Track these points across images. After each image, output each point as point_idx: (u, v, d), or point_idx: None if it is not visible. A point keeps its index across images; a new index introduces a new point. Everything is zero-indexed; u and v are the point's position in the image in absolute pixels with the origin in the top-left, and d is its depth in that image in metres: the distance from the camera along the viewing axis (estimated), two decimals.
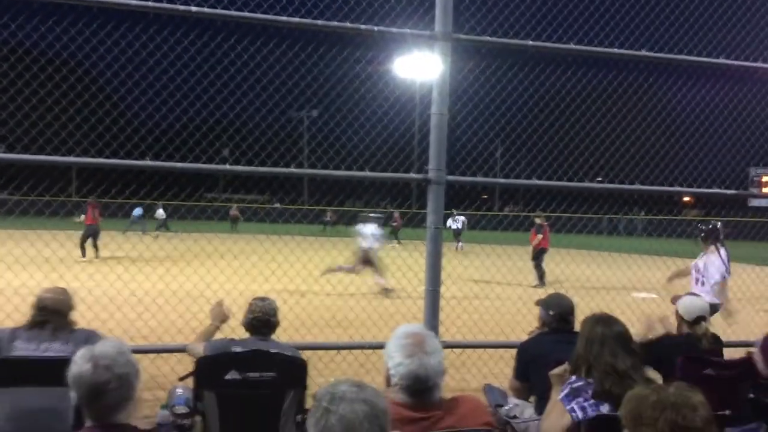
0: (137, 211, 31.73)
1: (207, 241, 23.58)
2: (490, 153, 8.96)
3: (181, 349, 4.51)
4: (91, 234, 18.06)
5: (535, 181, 5.83)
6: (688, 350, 3.85)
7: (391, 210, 31.87)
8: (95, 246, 18.24)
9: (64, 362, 2.29)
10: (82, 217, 18.37)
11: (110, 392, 2.16)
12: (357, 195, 45.30)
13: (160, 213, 32.50)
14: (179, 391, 3.54)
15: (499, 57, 6.26)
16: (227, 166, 5.29)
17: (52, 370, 3.13)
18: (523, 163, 9.55)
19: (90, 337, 3.51)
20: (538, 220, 15.63)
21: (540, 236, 15.36)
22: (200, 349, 3.78)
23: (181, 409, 3.47)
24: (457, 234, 27.99)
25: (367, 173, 4.97)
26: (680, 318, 4.23)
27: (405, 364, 2.28)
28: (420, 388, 2.29)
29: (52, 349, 3.45)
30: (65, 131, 7.16)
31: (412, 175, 4.95)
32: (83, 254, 17.68)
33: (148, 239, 24.12)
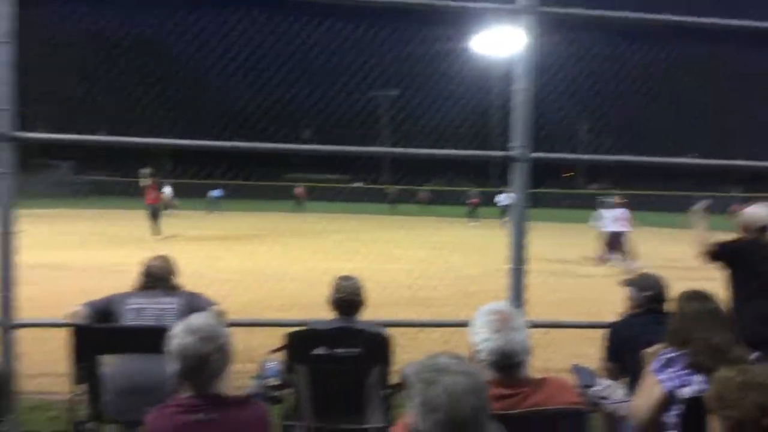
0: (216, 192, 32.59)
1: (282, 220, 24.13)
2: (574, 130, 8.74)
3: (270, 324, 4.64)
4: (153, 212, 18.84)
5: (622, 157, 5.66)
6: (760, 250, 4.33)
7: (474, 189, 31.66)
8: (156, 224, 18.95)
9: (166, 331, 2.42)
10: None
11: (212, 363, 2.29)
12: (435, 174, 45.11)
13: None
14: (270, 364, 3.66)
15: (584, 29, 6.07)
16: (309, 146, 5.38)
17: (157, 339, 3.32)
18: (610, 139, 9.27)
19: (194, 297, 3.75)
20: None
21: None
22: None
23: (273, 381, 3.60)
24: (504, 209, 28.69)
25: (451, 151, 4.95)
26: (745, 227, 4.51)
27: (492, 339, 2.29)
28: (507, 364, 2.29)
29: (162, 302, 3.72)
30: (154, 114, 7.44)
31: (496, 152, 4.89)
32: (158, 232, 18.52)
33: (229, 218, 24.83)
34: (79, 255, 11.52)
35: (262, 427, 2.37)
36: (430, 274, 11.81)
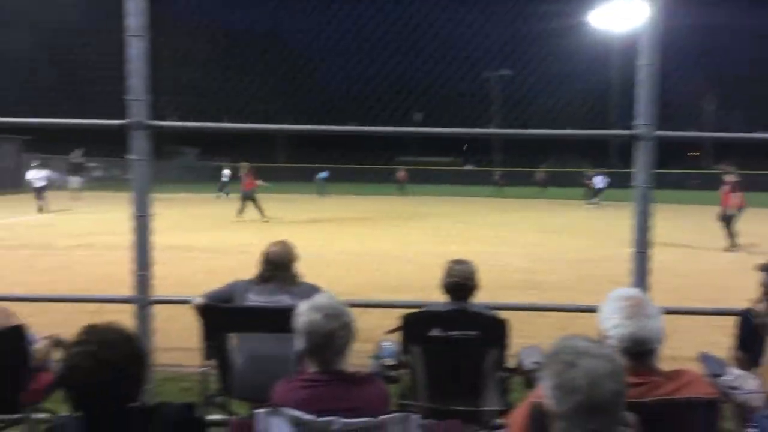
0: (323, 174, 33.29)
1: (390, 203, 24.31)
2: (700, 107, 8.25)
3: (385, 305, 4.71)
4: (249, 198, 19.52)
5: (753, 135, 5.27)
6: None
7: (592, 170, 30.66)
8: (242, 209, 19.57)
9: (291, 311, 2.52)
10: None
11: (337, 339, 2.37)
12: (551, 154, 43.98)
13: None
14: (387, 344, 3.72)
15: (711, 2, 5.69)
16: (421, 129, 5.37)
17: (281, 319, 3.46)
18: (740, 116, 8.68)
19: (313, 290, 3.83)
20: (729, 177, 13.76)
21: (733, 195, 13.56)
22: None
23: (389, 361, 3.65)
24: (598, 192, 28.22)
25: (571, 131, 4.79)
26: None
27: (625, 325, 2.22)
28: (639, 351, 2.22)
29: (281, 301, 3.81)
30: (273, 102, 7.69)
31: (618, 131, 4.69)
32: (239, 213, 19.16)
33: (337, 202, 25.31)
34: (206, 237, 12.15)
35: (383, 405, 2.42)
36: (546, 257, 11.55)
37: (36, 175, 22.52)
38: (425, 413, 2.45)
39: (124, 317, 3.26)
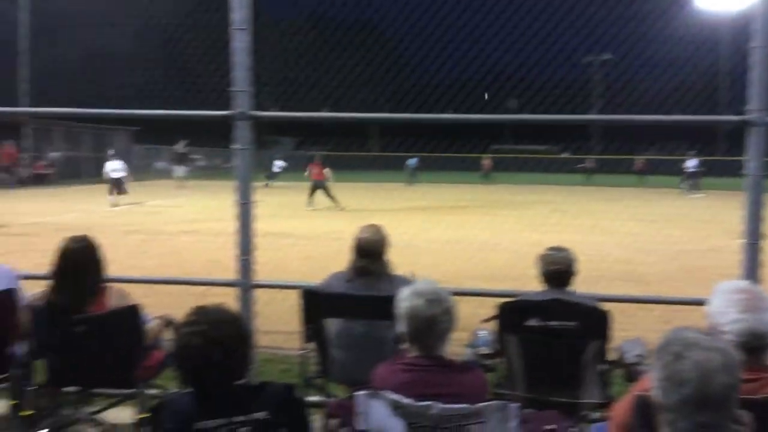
0: (412, 161, 33.28)
1: (479, 191, 23.98)
2: None
3: (481, 293, 4.69)
4: (319, 188, 19.66)
5: None
6: None
7: (695, 157, 29.24)
8: (311, 198, 19.69)
9: (388, 299, 2.56)
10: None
11: (439, 324, 2.40)
12: (652, 141, 42.13)
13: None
14: (482, 332, 3.70)
15: None
16: (521, 116, 5.29)
17: (378, 306, 3.52)
18: None
19: (407, 283, 3.81)
20: None
21: None
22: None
23: (484, 350, 3.64)
24: (691, 176, 27.71)
25: (678, 117, 4.59)
26: None
27: (742, 319, 2.12)
28: (756, 345, 2.12)
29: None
30: (371, 91, 7.76)
31: (729, 117, 4.45)
32: (309, 204, 19.31)
33: (426, 189, 25.22)
34: (303, 224, 12.46)
35: (481, 393, 2.43)
36: (647, 248, 11.12)
37: (113, 167, 21.47)
38: (521, 403, 2.43)
39: (228, 300, 3.40)
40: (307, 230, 11.67)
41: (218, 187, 20.29)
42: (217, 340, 2.22)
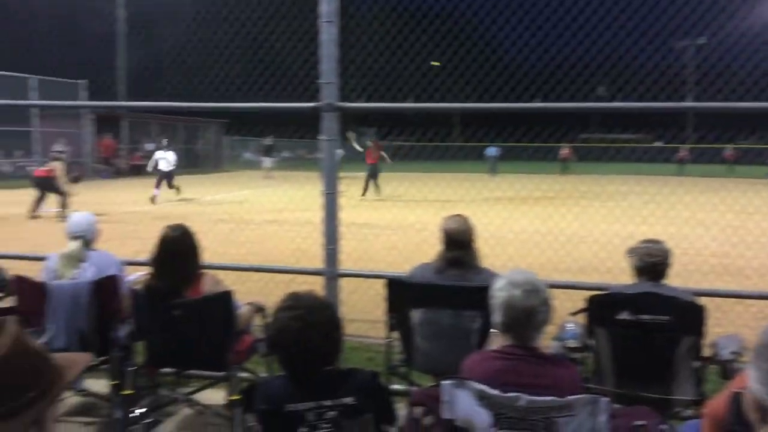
0: (492, 150, 32.82)
1: (561, 181, 23.33)
2: None
3: (569, 286, 4.60)
4: (373, 173, 19.10)
5: None
6: None
7: None
8: (376, 185, 19.15)
9: (476, 290, 2.55)
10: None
11: (537, 315, 2.39)
12: (752, 129, 39.89)
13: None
14: (570, 326, 3.63)
15: None
16: (610, 103, 5.13)
17: (463, 297, 3.51)
18: None
19: (495, 276, 3.77)
20: None
21: None
22: None
23: (572, 344, 3.56)
24: None
25: None
26: None
27: None
28: None
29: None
30: (456, 82, 7.71)
31: None
32: (377, 192, 18.88)
33: (508, 179, 24.78)
34: (386, 214, 12.56)
35: (575, 387, 2.39)
36: (746, 241, 10.57)
37: (162, 156, 19.07)
38: (611, 398, 2.37)
39: (314, 288, 3.47)
40: (390, 220, 11.74)
41: (303, 178, 20.67)
42: (313, 324, 2.28)
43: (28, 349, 1.48)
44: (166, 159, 18.86)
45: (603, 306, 3.47)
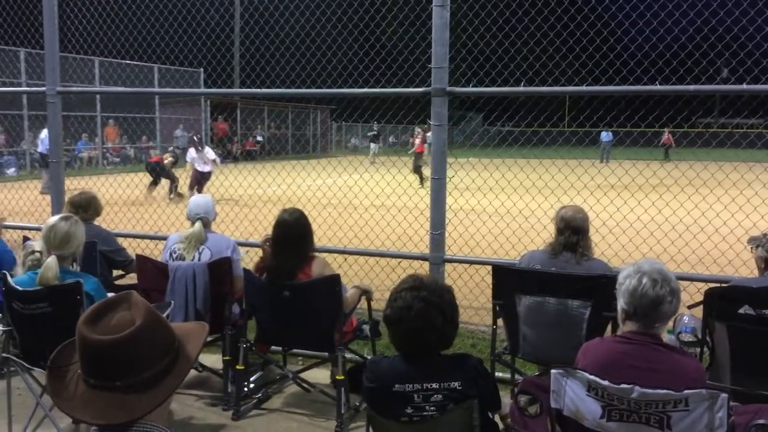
0: (606, 136, 31.59)
1: (689, 169, 22.09)
2: None
3: (684, 278, 4.39)
4: (418, 161, 19.12)
5: None
6: None
7: None
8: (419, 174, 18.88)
9: (583, 278, 2.50)
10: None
11: (666, 305, 2.35)
12: None
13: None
14: (686, 318, 3.51)
15: None
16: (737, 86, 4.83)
17: (571, 285, 3.44)
18: None
19: (606, 267, 3.69)
20: None
21: None
22: None
23: (687, 337, 3.44)
24: None
25: None
26: None
27: None
28: None
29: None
30: (565, 62, 7.47)
31: None
32: (421, 183, 18.61)
33: (620, 166, 23.80)
34: (491, 201, 12.42)
35: (699, 378, 2.31)
36: None
37: (207, 157, 16.24)
38: (729, 395, 2.26)
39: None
40: (497, 207, 11.61)
41: (409, 164, 20.80)
42: (437, 304, 2.32)
43: (159, 318, 1.60)
44: (211, 158, 16.38)
45: (723, 299, 3.30)
